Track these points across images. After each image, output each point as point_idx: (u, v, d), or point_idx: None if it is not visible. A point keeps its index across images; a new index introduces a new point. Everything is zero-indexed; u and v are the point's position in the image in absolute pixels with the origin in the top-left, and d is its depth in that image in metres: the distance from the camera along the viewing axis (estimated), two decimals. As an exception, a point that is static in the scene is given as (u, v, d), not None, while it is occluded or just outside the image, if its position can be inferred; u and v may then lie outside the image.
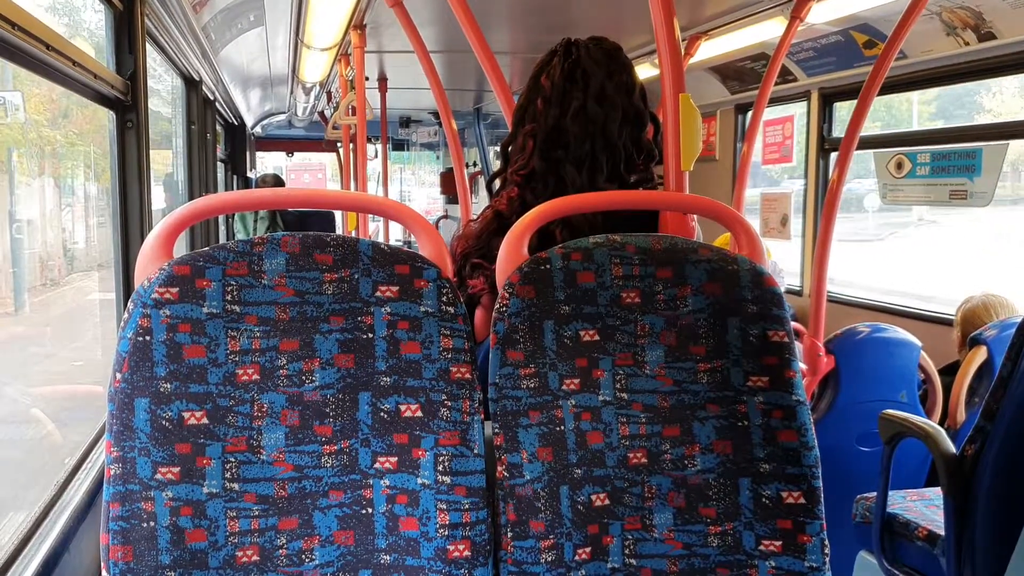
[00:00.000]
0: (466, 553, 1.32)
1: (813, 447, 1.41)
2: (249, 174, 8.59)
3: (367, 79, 4.19)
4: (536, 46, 4.86)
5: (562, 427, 1.37)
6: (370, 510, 1.31)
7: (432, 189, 11.68)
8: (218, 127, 6.43)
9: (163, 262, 1.28)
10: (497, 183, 1.83)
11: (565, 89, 1.70)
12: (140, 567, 1.23)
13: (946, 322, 3.48)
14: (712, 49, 4.34)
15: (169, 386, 1.25)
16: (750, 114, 4.32)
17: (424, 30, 3.16)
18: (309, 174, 11.52)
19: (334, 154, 9.42)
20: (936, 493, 2.48)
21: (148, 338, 1.25)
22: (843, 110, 4.41)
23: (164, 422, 1.25)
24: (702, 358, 1.42)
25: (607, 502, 1.37)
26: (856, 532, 2.64)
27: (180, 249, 1.33)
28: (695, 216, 1.71)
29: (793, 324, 1.50)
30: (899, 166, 3.85)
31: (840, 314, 3.99)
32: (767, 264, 1.50)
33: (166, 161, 4.80)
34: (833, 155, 4.31)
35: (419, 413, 1.33)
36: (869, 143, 3.98)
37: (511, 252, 1.42)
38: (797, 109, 4.70)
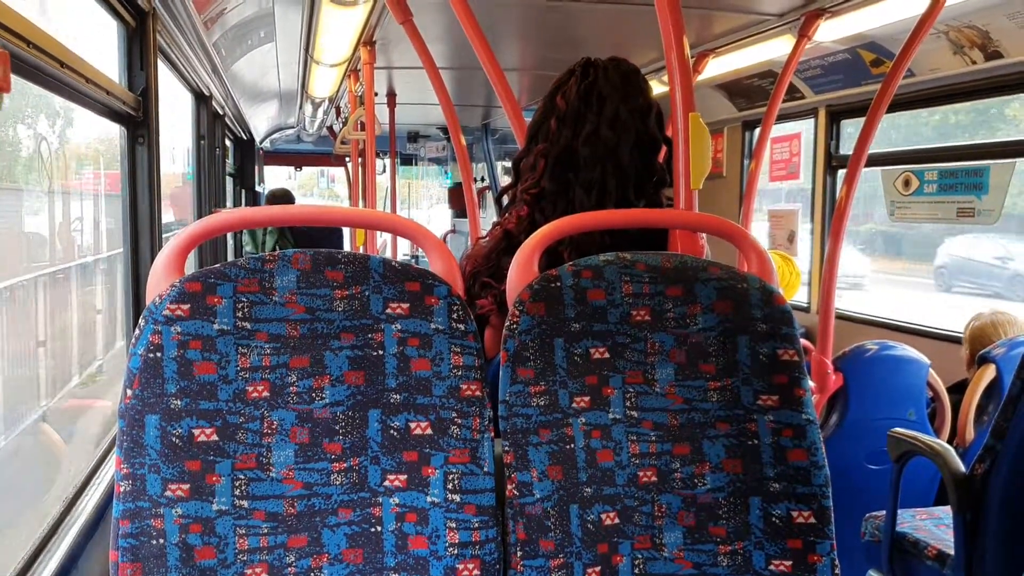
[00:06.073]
0: (475, 572, 1.31)
1: (823, 466, 1.41)
2: (258, 188, 8.62)
3: (376, 94, 4.21)
4: (545, 63, 4.89)
5: (572, 445, 1.37)
6: (379, 528, 1.31)
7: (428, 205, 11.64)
8: (227, 141, 6.47)
9: (174, 279, 1.28)
10: (506, 198, 1.84)
11: (579, 111, 1.70)
12: None
13: (955, 340, 3.47)
14: (720, 66, 4.34)
15: (179, 403, 1.26)
16: (757, 131, 4.33)
17: (433, 46, 3.18)
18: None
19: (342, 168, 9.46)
20: (945, 512, 2.47)
21: (159, 355, 1.25)
22: (849, 127, 4.42)
23: (174, 439, 1.25)
24: (712, 376, 1.42)
25: (617, 521, 1.37)
26: (865, 551, 2.62)
27: (190, 263, 1.34)
28: (704, 234, 1.71)
29: (801, 342, 1.50)
30: (906, 183, 3.85)
31: (848, 331, 3.98)
32: (776, 282, 1.50)
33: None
34: (840, 172, 4.31)
35: (429, 431, 1.33)
36: (877, 160, 3.98)
37: (522, 269, 1.42)
38: (804, 126, 4.71)
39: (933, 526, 2.49)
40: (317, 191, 14.42)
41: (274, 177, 10.66)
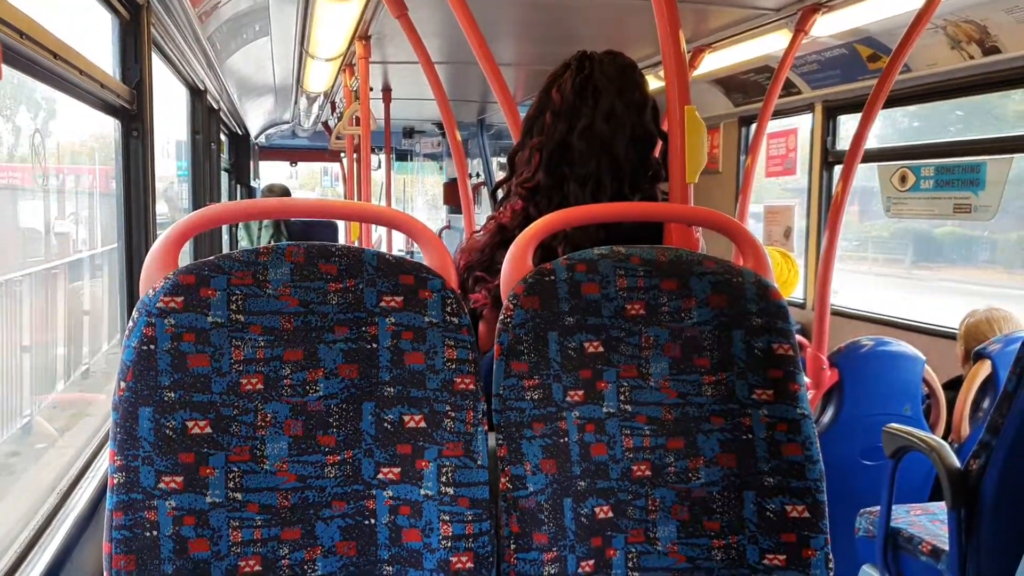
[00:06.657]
0: (469, 565, 1.31)
1: (818, 461, 1.40)
2: (253, 183, 8.60)
3: (371, 89, 4.20)
4: (540, 58, 4.88)
5: (566, 439, 1.36)
6: (373, 521, 1.31)
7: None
8: (222, 136, 6.45)
9: (168, 271, 1.28)
10: (501, 191, 1.83)
11: (574, 105, 1.69)
12: None
13: (950, 336, 3.47)
14: (716, 61, 4.34)
15: (173, 395, 1.25)
16: (754, 127, 4.33)
17: (429, 41, 3.17)
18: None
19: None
20: (940, 508, 2.48)
21: (152, 347, 1.25)
22: (847, 123, 4.42)
23: (168, 431, 1.25)
24: (707, 370, 1.41)
25: (611, 515, 1.37)
26: (860, 546, 2.63)
27: (184, 258, 1.33)
28: (699, 229, 1.71)
29: (797, 337, 1.50)
30: (903, 179, 3.85)
31: (844, 327, 3.98)
32: (772, 277, 1.49)
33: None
34: (837, 168, 4.31)
35: (423, 424, 1.33)
36: (873, 156, 3.99)
37: (516, 263, 1.42)
38: (801, 122, 4.71)
39: (928, 522, 2.50)
40: (320, 189, 14.38)
41: (274, 175, 10.62)
